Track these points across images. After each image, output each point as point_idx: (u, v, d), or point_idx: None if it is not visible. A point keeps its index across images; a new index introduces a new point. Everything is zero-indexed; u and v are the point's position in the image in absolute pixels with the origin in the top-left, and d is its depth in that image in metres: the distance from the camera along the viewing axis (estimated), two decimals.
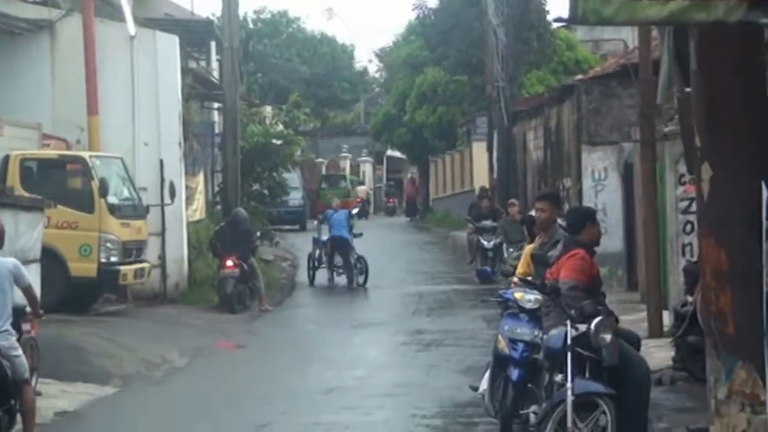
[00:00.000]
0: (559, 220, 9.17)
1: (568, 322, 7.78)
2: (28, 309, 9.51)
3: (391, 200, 54.55)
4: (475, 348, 14.33)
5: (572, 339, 7.72)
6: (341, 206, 23.59)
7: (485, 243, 21.80)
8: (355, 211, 25.43)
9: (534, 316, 8.64)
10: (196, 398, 11.92)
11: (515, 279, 9.44)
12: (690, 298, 10.56)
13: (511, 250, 19.63)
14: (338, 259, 22.24)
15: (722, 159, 4.45)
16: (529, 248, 9.96)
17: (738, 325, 4.28)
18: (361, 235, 22.97)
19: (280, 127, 28.13)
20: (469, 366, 13.03)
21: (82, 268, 16.43)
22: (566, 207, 20.31)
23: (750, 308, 4.24)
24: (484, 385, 9.20)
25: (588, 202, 19.32)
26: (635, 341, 8.37)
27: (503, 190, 27.98)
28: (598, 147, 20.01)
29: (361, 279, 22.21)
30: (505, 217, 21.81)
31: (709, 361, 4.33)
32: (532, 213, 10.42)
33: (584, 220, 8.18)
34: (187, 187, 20.45)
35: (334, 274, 22.39)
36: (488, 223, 22.11)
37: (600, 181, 19.77)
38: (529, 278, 8.90)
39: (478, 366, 11.47)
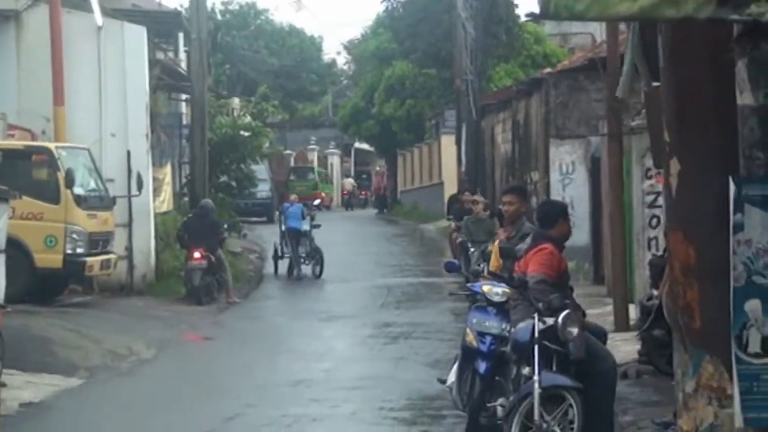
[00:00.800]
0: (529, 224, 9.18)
1: (536, 316, 7.79)
2: None
3: (363, 193, 54.66)
4: (443, 341, 14.34)
5: (539, 332, 7.73)
6: (310, 198, 23.94)
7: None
8: (316, 202, 26.06)
9: (502, 309, 8.64)
10: (162, 390, 11.87)
11: (485, 273, 9.46)
12: (655, 292, 10.61)
13: (472, 250, 17.84)
14: (301, 249, 22.70)
15: (691, 154, 4.46)
16: (497, 242, 9.97)
17: (705, 319, 4.30)
18: (319, 226, 23.28)
19: (248, 118, 28.04)
20: (437, 359, 13.03)
21: (48, 259, 16.31)
22: (534, 200, 20.44)
23: (717, 303, 4.27)
24: (451, 377, 9.19)
25: (555, 195, 19.36)
26: (602, 335, 8.41)
27: (471, 184, 28.05)
28: (565, 141, 20.08)
29: (317, 270, 22.62)
30: (468, 215, 19.81)
31: (676, 355, 4.36)
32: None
33: (557, 216, 8.17)
34: (154, 179, 20.34)
35: (302, 263, 22.72)
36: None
37: (567, 175, 19.83)
38: (498, 272, 8.92)
39: (446, 359, 11.48)
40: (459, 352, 9.12)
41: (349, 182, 52.51)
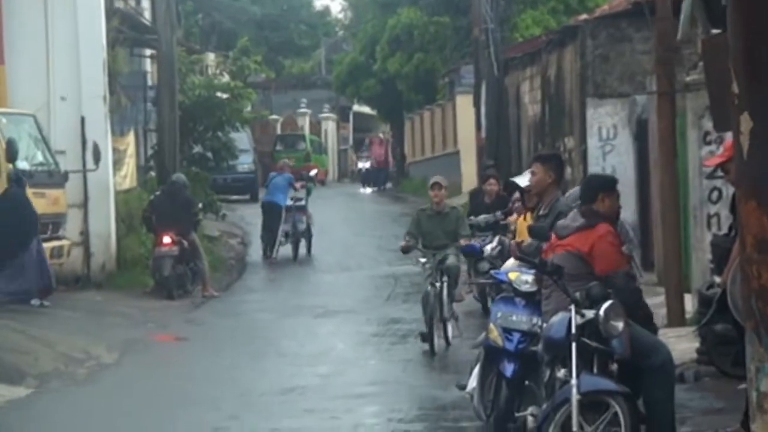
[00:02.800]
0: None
1: (572, 307, 7.77)
2: None
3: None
4: (461, 339, 14.34)
5: (577, 327, 7.72)
6: (304, 170, 24.64)
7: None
8: (312, 172, 26.85)
9: (532, 301, 8.66)
10: (127, 401, 11.88)
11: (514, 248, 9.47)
12: (718, 279, 10.58)
13: (423, 261, 14.29)
14: (286, 227, 23.59)
15: (765, 107, 4.39)
16: (521, 219, 9.98)
17: None
18: (301, 200, 24.03)
19: (226, 78, 28.04)
20: (454, 361, 13.07)
21: None
22: (569, 171, 20.39)
23: None
24: (472, 382, 9.23)
25: (594, 165, 19.37)
26: (653, 332, 8.39)
27: (493, 153, 27.98)
28: (606, 100, 20.05)
29: (305, 250, 24.02)
30: (422, 208, 15.22)
31: (749, 347, 4.32)
32: (516, 179, 10.46)
33: (597, 190, 8.21)
34: (114, 150, 20.34)
35: (278, 244, 23.67)
36: (488, 218, 16.21)
37: (608, 141, 19.81)
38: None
39: (464, 360, 11.48)
40: (481, 353, 9.11)
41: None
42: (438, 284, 14.00)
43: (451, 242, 14.28)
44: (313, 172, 27.72)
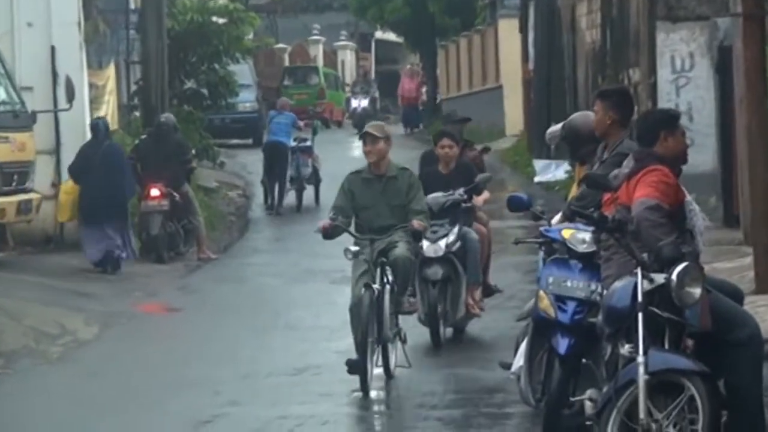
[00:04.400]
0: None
1: (639, 271, 7.78)
2: None
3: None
4: (504, 309, 14.38)
5: (644, 294, 7.73)
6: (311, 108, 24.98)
7: (426, 247, 12.89)
8: (319, 109, 27.28)
9: (590, 264, 8.66)
10: (108, 383, 11.98)
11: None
12: None
13: (356, 249, 11.71)
14: (290, 171, 24.35)
15: None
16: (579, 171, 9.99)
17: None
18: (306, 140, 24.77)
19: None
20: (498, 334, 13.09)
21: None
22: (636, 110, 20.35)
23: None
24: (519, 361, 9.25)
25: (665, 102, 19.32)
26: (737, 297, 8.40)
27: (543, 88, 27.93)
28: (680, 24, 19.97)
29: (315, 197, 24.76)
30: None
31: None
32: (550, 131, 10.42)
33: (657, 129, 8.16)
34: (90, 86, 20.37)
35: (285, 191, 24.38)
36: (444, 197, 13.34)
37: (683, 73, 19.77)
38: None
39: (510, 334, 11.50)
40: (529, 325, 9.13)
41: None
42: (376, 286, 11.40)
43: (399, 222, 11.55)
44: (319, 108, 28.20)
